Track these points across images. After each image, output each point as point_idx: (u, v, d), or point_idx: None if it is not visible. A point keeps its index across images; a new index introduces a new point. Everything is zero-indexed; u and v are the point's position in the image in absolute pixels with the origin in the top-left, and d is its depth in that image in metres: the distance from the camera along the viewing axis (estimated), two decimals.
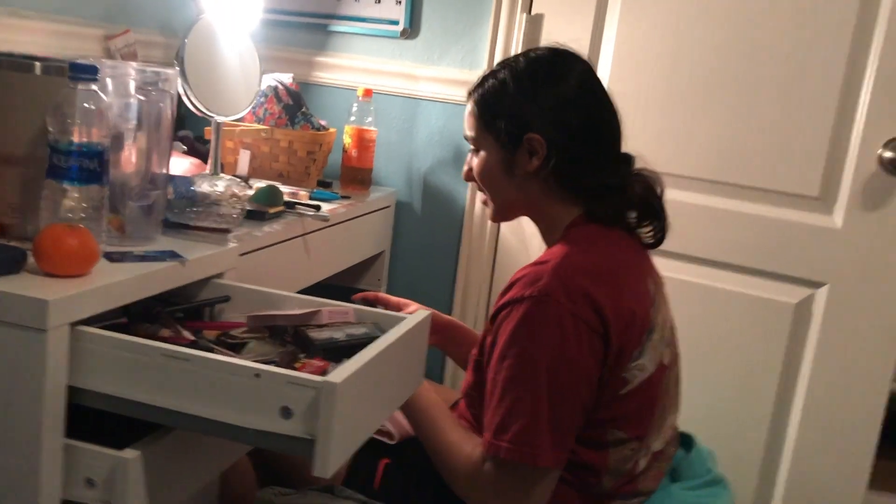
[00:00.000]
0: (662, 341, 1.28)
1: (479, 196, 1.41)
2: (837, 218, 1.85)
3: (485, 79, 1.34)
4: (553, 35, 2.03)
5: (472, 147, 1.38)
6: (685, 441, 1.43)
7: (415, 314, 1.24)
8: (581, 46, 1.97)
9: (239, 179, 1.78)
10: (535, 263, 1.23)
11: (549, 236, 1.35)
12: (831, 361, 1.88)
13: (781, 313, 1.91)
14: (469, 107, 1.36)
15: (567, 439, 1.19)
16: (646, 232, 1.34)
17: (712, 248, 1.96)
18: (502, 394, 1.18)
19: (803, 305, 1.90)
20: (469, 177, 1.39)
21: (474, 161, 1.37)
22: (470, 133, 1.36)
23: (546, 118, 1.27)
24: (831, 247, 1.86)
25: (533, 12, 2.05)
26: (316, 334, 1.15)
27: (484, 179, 1.36)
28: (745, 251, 1.93)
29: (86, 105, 1.09)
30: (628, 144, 1.34)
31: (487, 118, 1.32)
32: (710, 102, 1.92)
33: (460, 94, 2.10)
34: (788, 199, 1.88)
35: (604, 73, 2.01)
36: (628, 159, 1.34)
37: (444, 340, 1.59)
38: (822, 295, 1.88)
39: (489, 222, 2.14)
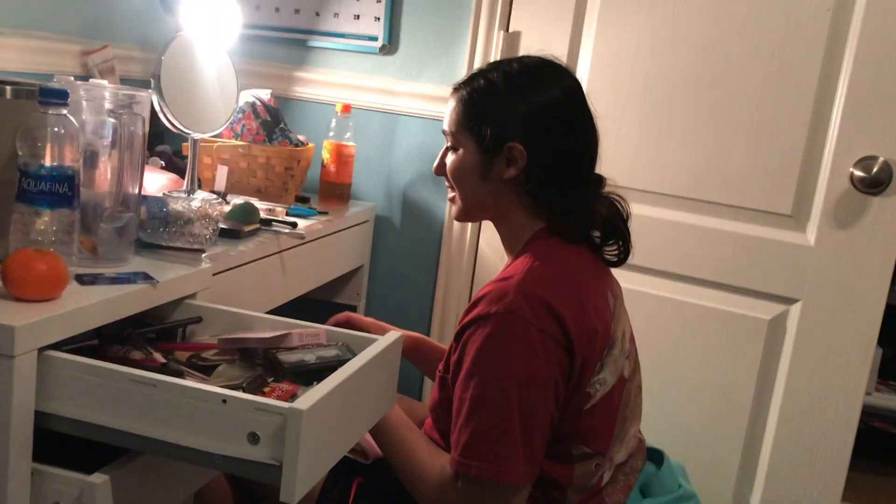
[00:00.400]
0: (622, 354, 1.29)
1: (448, 193, 1.39)
2: (810, 235, 1.87)
3: (474, 77, 1.32)
4: (530, 52, 2.04)
5: (448, 143, 1.35)
6: (655, 456, 1.44)
7: (386, 336, 1.25)
8: None
9: (216, 195, 1.78)
10: (499, 279, 1.24)
11: (509, 244, 1.36)
12: (805, 376, 1.90)
13: (756, 329, 1.93)
14: (453, 103, 1.33)
15: (537, 454, 1.20)
16: (609, 251, 1.34)
17: (687, 265, 1.97)
18: (471, 412, 1.18)
19: (777, 321, 1.92)
20: (440, 171, 1.37)
21: (449, 157, 1.34)
22: (449, 129, 1.33)
23: (530, 129, 1.26)
24: (804, 264, 1.88)
25: (510, 30, 2.06)
26: (286, 357, 1.16)
27: (456, 178, 1.34)
28: (719, 268, 1.95)
29: (56, 129, 1.09)
30: (604, 162, 1.35)
31: (471, 118, 1.30)
32: (685, 121, 1.93)
33: (439, 109, 2.12)
34: (762, 217, 1.90)
35: None
36: (599, 180, 1.35)
37: (411, 359, 1.60)
38: (795, 311, 1.90)
39: (468, 237, 2.15)
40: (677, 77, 1.93)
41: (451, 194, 1.38)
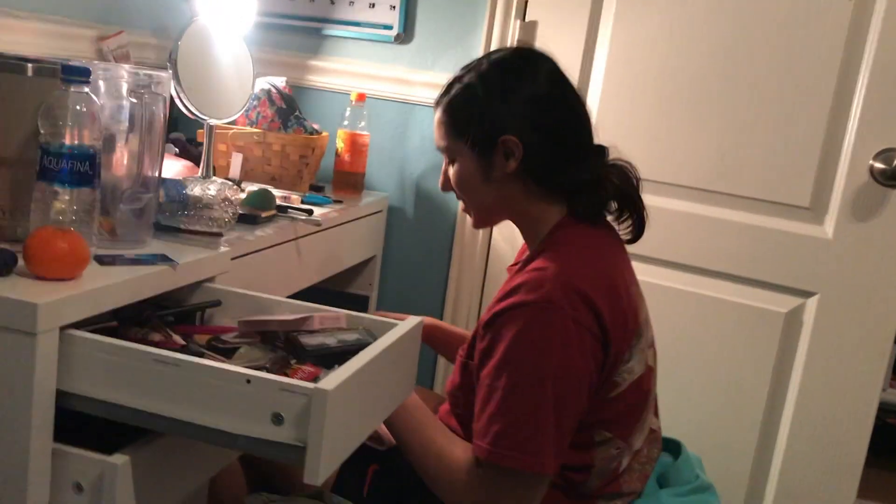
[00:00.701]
0: (647, 342, 1.29)
1: (460, 204, 1.39)
2: (828, 228, 1.86)
3: (450, 85, 1.33)
4: (546, 42, 2.03)
5: (445, 157, 1.36)
6: (672, 447, 1.43)
7: (406, 320, 1.23)
8: (574, 54, 2.00)
9: (231, 182, 1.77)
10: (534, 269, 1.22)
11: (531, 237, 1.34)
12: (821, 370, 1.89)
13: (772, 322, 1.92)
14: (437, 116, 1.33)
15: (565, 445, 1.19)
16: (625, 226, 1.33)
17: (703, 257, 1.96)
18: (503, 401, 1.16)
19: (794, 314, 1.90)
20: (446, 187, 1.37)
21: (450, 170, 1.35)
22: (442, 143, 1.34)
23: (519, 118, 1.26)
24: (822, 257, 1.86)
25: (527, 19, 2.05)
26: (307, 340, 1.15)
27: (462, 188, 1.34)
28: (736, 260, 1.94)
29: (78, 107, 1.08)
30: (619, 153, 1.34)
31: (458, 126, 1.30)
32: (703, 111, 1.92)
33: None
34: (780, 209, 1.89)
35: (596, 80, 2.01)
36: (602, 151, 1.34)
37: (428, 342, 1.59)
38: (812, 304, 1.89)
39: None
40: (695, 67, 1.92)
41: (463, 206, 1.39)
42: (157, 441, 1.04)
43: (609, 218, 1.34)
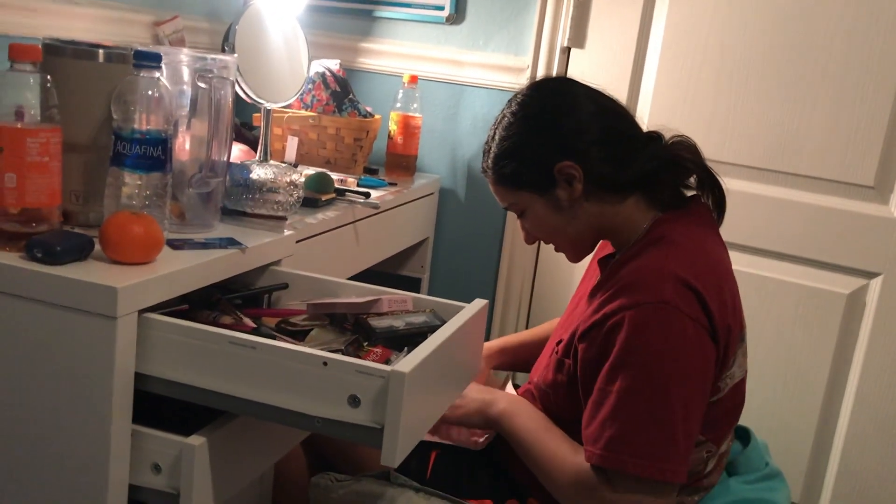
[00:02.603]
0: (746, 346, 1.26)
1: (551, 247, 1.37)
2: (894, 207, 1.81)
3: (487, 150, 1.32)
4: (601, 21, 2.01)
5: (516, 214, 1.34)
6: (742, 434, 1.42)
7: (473, 303, 1.23)
8: (630, 30, 1.98)
9: (289, 166, 1.78)
10: (641, 267, 1.18)
11: (623, 243, 1.29)
12: (884, 352, 1.85)
13: (834, 303, 1.88)
14: (489, 177, 1.32)
15: (690, 452, 1.14)
16: (711, 202, 1.31)
17: (764, 237, 1.93)
18: (619, 405, 1.11)
19: (856, 296, 1.87)
20: (531, 240, 1.36)
21: (525, 223, 1.33)
22: (506, 202, 1.33)
23: (562, 143, 1.24)
24: (887, 236, 1.82)
25: None
26: (376, 322, 1.15)
27: (545, 232, 1.33)
28: (797, 240, 1.90)
29: (149, 93, 1.09)
30: (679, 130, 1.32)
31: (512, 178, 1.28)
32: (763, 88, 1.88)
33: (506, 80, 2.10)
34: (843, 188, 1.85)
35: (652, 57, 1.98)
36: (656, 135, 1.31)
37: (504, 367, 1.62)
38: (876, 285, 1.85)
39: None
40: (756, 43, 1.88)
41: (555, 247, 1.36)
42: (231, 423, 1.06)
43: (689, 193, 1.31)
